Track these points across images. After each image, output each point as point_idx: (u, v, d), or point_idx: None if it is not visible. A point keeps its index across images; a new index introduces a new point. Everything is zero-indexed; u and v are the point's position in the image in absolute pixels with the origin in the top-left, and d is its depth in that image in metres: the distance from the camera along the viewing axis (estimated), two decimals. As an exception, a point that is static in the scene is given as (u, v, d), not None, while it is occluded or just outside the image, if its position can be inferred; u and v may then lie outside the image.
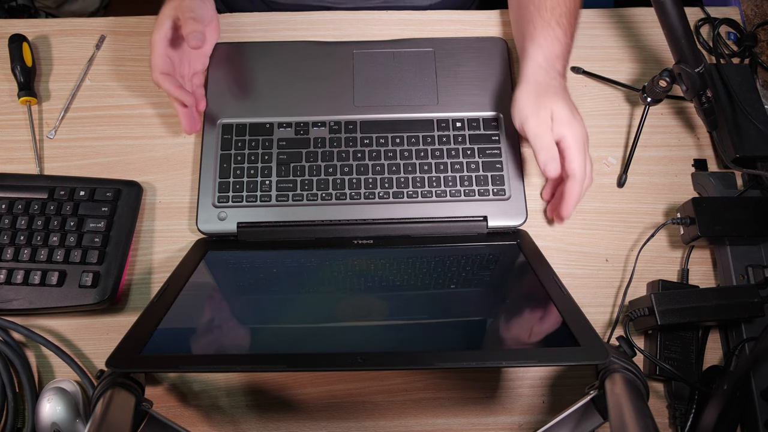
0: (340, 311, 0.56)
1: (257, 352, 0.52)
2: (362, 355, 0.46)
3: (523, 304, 0.57)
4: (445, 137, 0.69)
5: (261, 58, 0.72)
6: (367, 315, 0.55)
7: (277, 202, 0.66)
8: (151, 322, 0.51)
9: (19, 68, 0.71)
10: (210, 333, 0.54)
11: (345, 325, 0.54)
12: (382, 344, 0.51)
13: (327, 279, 0.61)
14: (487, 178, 0.67)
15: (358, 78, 0.72)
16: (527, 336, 0.53)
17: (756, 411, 0.57)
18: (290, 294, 0.59)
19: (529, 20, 0.66)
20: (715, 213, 0.63)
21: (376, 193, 0.66)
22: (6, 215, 0.63)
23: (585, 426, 0.53)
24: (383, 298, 0.57)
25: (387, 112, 0.70)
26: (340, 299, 0.58)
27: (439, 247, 0.64)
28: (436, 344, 0.51)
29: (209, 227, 0.65)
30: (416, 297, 0.58)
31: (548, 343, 0.50)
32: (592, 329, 0.49)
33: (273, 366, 0.50)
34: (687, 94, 0.65)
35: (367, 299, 0.57)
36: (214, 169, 0.67)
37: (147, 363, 0.48)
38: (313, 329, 0.54)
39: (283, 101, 0.70)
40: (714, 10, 0.78)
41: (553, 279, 0.56)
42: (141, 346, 0.48)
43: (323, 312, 0.57)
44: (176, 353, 0.49)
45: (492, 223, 0.65)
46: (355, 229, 0.65)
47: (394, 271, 0.62)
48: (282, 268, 0.63)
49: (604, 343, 0.48)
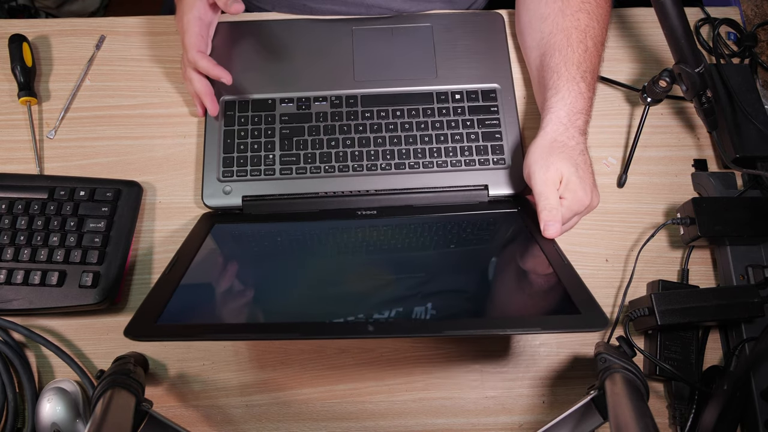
0: (347, 279, 0.57)
1: (269, 321, 0.52)
2: (372, 323, 0.48)
3: (524, 271, 0.57)
4: (444, 109, 0.70)
5: (262, 36, 0.74)
6: (374, 283, 0.55)
7: (281, 175, 0.67)
8: (165, 293, 0.51)
9: (19, 68, 0.71)
10: (221, 302, 0.54)
11: (353, 293, 0.54)
12: (391, 312, 0.52)
13: (333, 248, 0.62)
14: (487, 148, 0.68)
15: (357, 53, 0.73)
16: (529, 304, 0.53)
17: (756, 411, 0.57)
18: (298, 263, 0.59)
19: (553, 71, 0.63)
20: (715, 213, 0.63)
21: (378, 165, 0.67)
22: (6, 215, 0.63)
23: (585, 426, 0.53)
24: (389, 268, 0.58)
25: (387, 86, 0.71)
26: (346, 268, 0.58)
27: (441, 216, 0.65)
28: (441, 313, 0.52)
29: (214, 201, 0.66)
30: (420, 265, 0.59)
31: (549, 311, 0.51)
32: (592, 297, 0.49)
33: (287, 334, 0.51)
34: (687, 94, 0.65)
35: (374, 269, 0.58)
36: (218, 144, 0.68)
37: (163, 332, 0.48)
38: (322, 297, 0.54)
39: (284, 77, 0.71)
40: (714, 10, 0.78)
41: (554, 247, 0.56)
42: (156, 316, 0.48)
43: (330, 279, 0.57)
44: (190, 322, 0.50)
45: (493, 191, 0.66)
46: (358, 201, 0.66)
47: (399, 240, 0.63)
48: (289, 239, 0.64)
49: (603, 311, 0.48)
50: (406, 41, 0.74)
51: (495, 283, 0.57)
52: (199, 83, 0.67)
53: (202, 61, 0.65)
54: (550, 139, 0.60)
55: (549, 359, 0.63)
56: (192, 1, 0.66)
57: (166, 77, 0.74)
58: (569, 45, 0.63)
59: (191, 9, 0.66)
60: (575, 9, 0.65)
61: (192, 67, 0.67)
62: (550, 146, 0.59)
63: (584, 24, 0.64)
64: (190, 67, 0.67)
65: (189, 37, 0.65)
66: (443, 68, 0.72)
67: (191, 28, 0.65)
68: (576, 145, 0.60)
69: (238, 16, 0.76)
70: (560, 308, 0.50)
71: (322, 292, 0.55)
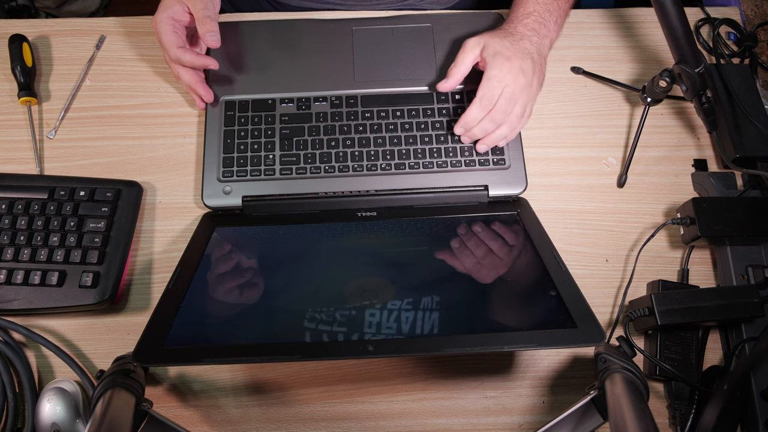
0: (346, 294, 0.57)
1: (272, 337, 0.53)
2: (372, 343, 0.49)
3: (521, 281, 0.58)
4: (444, 109, 0.70)
5: (262, 36, 0.74)
6: (373, 297, 0.56)
7: (281, 175, 0.67)
8: (170, 310, 0.52)
9: (19, 68, 0.71)
10: (226, 320, 0.55)
11: (352, 308, 0.55)
12: (390, 329, 0.52)
13: (335, 259, 0.62)
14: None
15: (358, 54, 0.73)
16: (526, 316, 0.54)
17: (756, 411, 0.57)
18: (300, 275, 0.60)
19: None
20: (715, 213, 0.63)
21: (378, 165, 0.67)
22: (6, 215, 0.63)
23: (585, 426, 0.53)
24: (388, 280, 0.58)
25: (387, 86, 0.71)
26: (345, 281, 0.59)
27: (439, 220, 0.65)
28: (439, 328, 0.52)
29: (214, 201, 0.66)
30: (419, 277, 0.59)
31: (546, 325, 0.51)
32: (589, 310, 0.50)
33: (290, 356, 0.52)
34: (687, 94, 0.65)
35: (374, 282, 0.58)
36: (218, 144, 0.68)
37: (171, 357, 0.49)
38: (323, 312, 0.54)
39: (284, 77, 0.71)
40: (714, 10, 0.78)
41: (552, 254, 0.57)
42: (163, 337, 0.49)
43: (330, 292, 0.57)
44: (197, 344, 0.50)
45: (493, 192, 0.66)
46: (358, 201, 0.67)
47: (397, 249, 0.63)
48: (290, 247, 0.64)
49: (600, 326, 0.49)
50: (406, 41, 0.74)
51: (492, 295, 0.57)
52: (187, 75, 0.67)
53: (185, 56, 0.65)
54: (499, 29, 0.67)
55: (549, 359, 0.63)
56: (170, 3, 0.66)
57: (166, 77, 0.74)
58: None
59: (165, 9, 0.65)
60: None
61: (177, 64, 0.67)
62: (494, 31, 0.66)
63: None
64: (174, 64, 0.67)
65: (164, 36, 0.65)
66: (443, 69, 0.72)
67: (164, 27, 0.65)
68: (521, 36, 0.65)
69: (237, 16, 0.77)
70: (557, 322, 0.50)
71: (324, 306, 0.55)
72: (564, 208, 0.69)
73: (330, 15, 0.77)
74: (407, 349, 0.51)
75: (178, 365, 0.61)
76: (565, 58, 0.76)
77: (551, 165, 0.71)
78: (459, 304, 0.55)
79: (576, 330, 0.48)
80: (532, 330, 0.50)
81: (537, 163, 0.71)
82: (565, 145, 0.72)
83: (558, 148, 0.72)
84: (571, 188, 0.70)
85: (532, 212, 0.64)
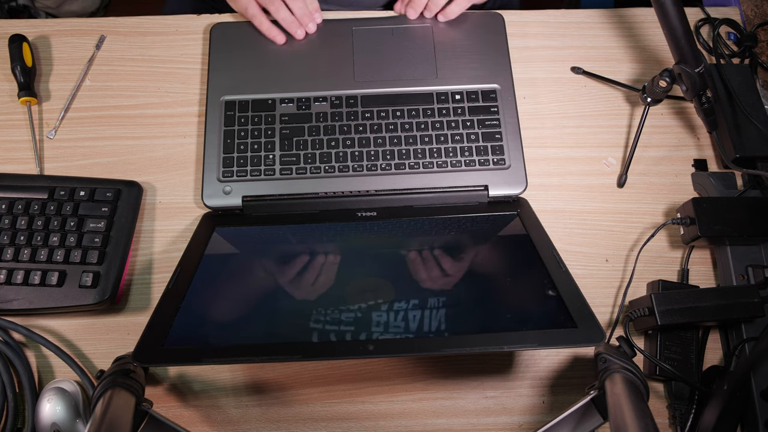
0: (347, 294, 0.57)
1: (272, 337, 0.53)
2: (372, 342, 0.49)
3: (522, 282, 0.58)
4: (444, 109, 0.70)
5: (262, 36, 0.74)
6: (374, 297, 0.56)
7: (281, 175, 0.67)
8: (170, 310, 0.52)
9: (19, 68, 0.71)
10: (225, 320, 0.55)
11: (353, 309, 0.55)
12: (390, 328, 0.53)
13: (335, 259, 0.61)
14: (487, 148, 0.68)
15: (358, 54, 0.73)
16: (526, 317, 0.54)
17: (756, 411, 0.57)
18: (299, 276, 0.59)
19: None
20: (715, 213, 0.63)
21: (378, 165, 0.67)
22: (6, 215, 0.63)
23: (585, 426, 0.53)
24: (388, 280, 0.58)
25: (387, 86, 0.71)
26: (345, 280, 0.59)
27: (439, 221, 0.65)
28: (440, 327, 0.52)
29: (214, 201, 0.66)
30: (419, 277, 0.59)
31: (546, 325, 0.51)
32: (589, 310, 0.50)
33: (290, 357, 0.52)
34: (687, 94, 0.65)
35: (374, 283, 0.58)
36: (218, 144, 0.68)
37: (171, 357, 0.49)
38: (324, 312, 0.55)
39: (284, 77, 0.72)
40: (714, 10, 0.79)
41: (552, 254, 0.57)
42: (163, 337, 0.49)
43: (333, 292, 0.57)
44: (197, 344, 0.51)
45: (493, 192, 0.66)
46: (358, 201, 0.67)
47: (397, 249, 0.63)
48: (290, 248, 0.64)
49: (600, 326, 0.49)
50: (406, 41, 0.74)
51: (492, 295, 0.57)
52: (296, 4, 0.71)
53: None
54: None
55: (549, 359, 0.63)
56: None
57: (166, 77, 0.74)
58: None
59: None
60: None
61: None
62: None
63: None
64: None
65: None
66: (443, 68, 0.72)
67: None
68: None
69: (237, 16, 0.77)
70: (557, 322, 0.50)
71: (324, 306, 0.55)
72: (564, 208, 0.69)
73: (330, 15, 0.77)
74: (407, 349, 0.51)
75: (178, 365, 0.61)
76: (565, 58, 0.76)
77: (551, 165, 0.71)
78: (459, 304, 0.55)
79: (576, 330, 0.49)
80: (532, 330, 0.50)
81: (537, 163, 0.71)
82: (565, 145, 0.72)
83: (558, 148, 0.72)
84: (571, 188, 0.70)
85: (532, 212, 0.64)
